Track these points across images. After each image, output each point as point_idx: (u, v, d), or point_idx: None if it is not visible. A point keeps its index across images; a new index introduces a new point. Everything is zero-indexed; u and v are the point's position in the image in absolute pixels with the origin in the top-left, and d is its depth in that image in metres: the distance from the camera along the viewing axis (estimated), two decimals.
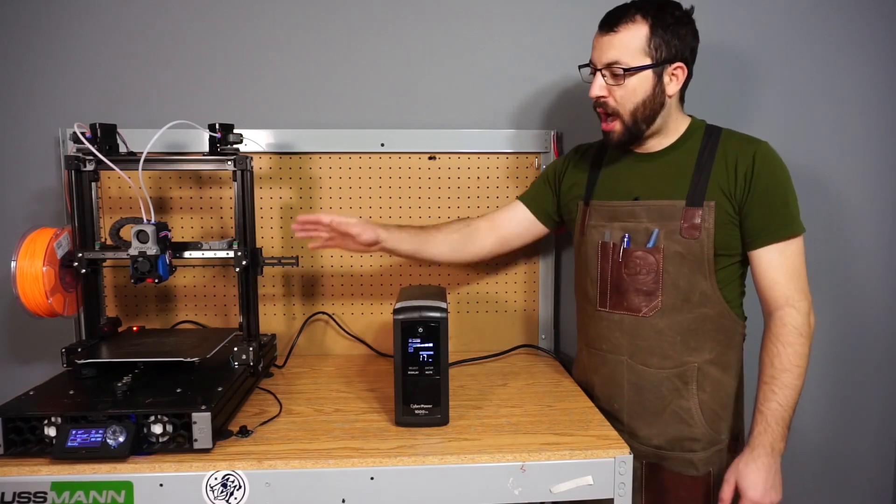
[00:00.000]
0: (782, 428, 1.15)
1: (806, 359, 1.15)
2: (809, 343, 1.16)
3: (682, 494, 1.23)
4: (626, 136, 1.21)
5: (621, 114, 1.19)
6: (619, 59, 1.16)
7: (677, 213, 1.19)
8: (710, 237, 1.17)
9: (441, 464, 1.00)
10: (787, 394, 1.14)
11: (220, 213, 1.57)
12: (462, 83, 1.60)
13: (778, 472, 1.16)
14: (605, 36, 1.18)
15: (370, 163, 1.58)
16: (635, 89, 1.17)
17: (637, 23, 1.15)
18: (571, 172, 1.39)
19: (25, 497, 0.95)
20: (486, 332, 1.64)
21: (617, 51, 1.16)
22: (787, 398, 1.14)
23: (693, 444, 1.22)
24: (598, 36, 1.20)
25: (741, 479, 1.15)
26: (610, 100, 1.19)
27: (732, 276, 1.22)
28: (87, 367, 1.19)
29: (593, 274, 1.29)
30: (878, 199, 1.68)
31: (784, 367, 1.14)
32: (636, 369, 1.24)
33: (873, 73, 1.64)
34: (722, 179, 1.17)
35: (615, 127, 1.21)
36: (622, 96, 1.18)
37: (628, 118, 1.19)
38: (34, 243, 1.22)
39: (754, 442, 1.15)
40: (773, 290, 1.17)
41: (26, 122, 1.54)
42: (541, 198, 1.42)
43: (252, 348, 1.27)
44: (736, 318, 1.23)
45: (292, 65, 1.57)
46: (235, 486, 0.98)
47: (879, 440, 1.76)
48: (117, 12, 1.53)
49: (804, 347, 1.15)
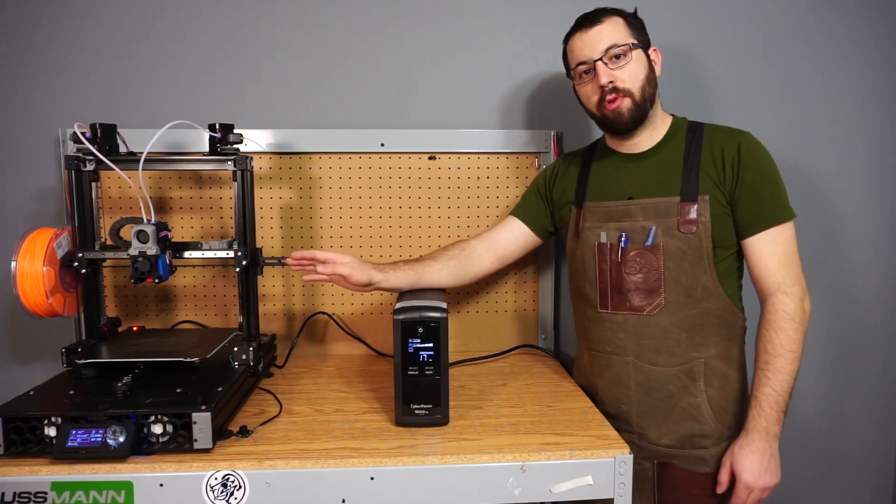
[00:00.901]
0: (777, 412, 1.15)
1: (800, 344, 1.16)
2: (804, 328, 1.16)
3: (694, 492, 1.23)
4: (637, 113, 1.21)
5: (632, 91, 1.20)
6: (614, 41, 1.19)
7: (673, 209, 1.20)
8: (708, 231, 1.18)
9: (441, 464, 1.00)
10: (780, 378, 1.15)
11: (220, 213, 1.57)
12: (462, 83, 1.60)
13: (774, 455, 1.16)
14: (590, 30, 1.21)
15: (370, 163, 1.58)
16: (637, 67, 1.20)
17: (612, 17, 1.22)
18: (561, 179, 1.39)
19: (25, 497, 0.95)
20: (486, 332, 1.64)
21: (609, 37, 1.19)
22: (780, 383, 1.15)
23: (703, 440, 1.22)
24: (580, 35, 1.22)
25: (736, 463, 1.16)
26: (618, 82, 1.20)
27: (730, 270, 1.23)
28: (87, 367, 1.19)
29: (591, 276, 1.29)
30: (878, 197, 1.68)
31: (777, 352, 1.15)
32: (643, 369, 1.24)
33: (873, 74, 1.65)
34: (711, 171, 1.20)
35: (625, 103, 1.21)
36: (629, 74, 1.20)
37: (638, 94, 1.21)
38: (34, 243, 1.22)
39: (749, 426, 1.17)
40: (766, 278, 1.18)
41: (26, 122, 1.54)
42: (534, 211, 1.42)
43: (252, 348, 1.27)
44: (737, 312, 1.24)
45: (292, 65, 1.57)
46: (235, 486, 0.98)
47: (879, 440, 1.76)
48: (117, 13, 1.54)
49: (798, 333, 1.16)
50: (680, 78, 1.58)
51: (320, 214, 1.59)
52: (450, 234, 1.61)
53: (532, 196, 1.44)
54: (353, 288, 1.25)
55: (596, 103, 1.23)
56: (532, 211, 1.42)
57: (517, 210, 1.44)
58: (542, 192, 1.42)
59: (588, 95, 1.24)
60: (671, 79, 1.29)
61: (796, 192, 1.63)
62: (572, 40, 1.24)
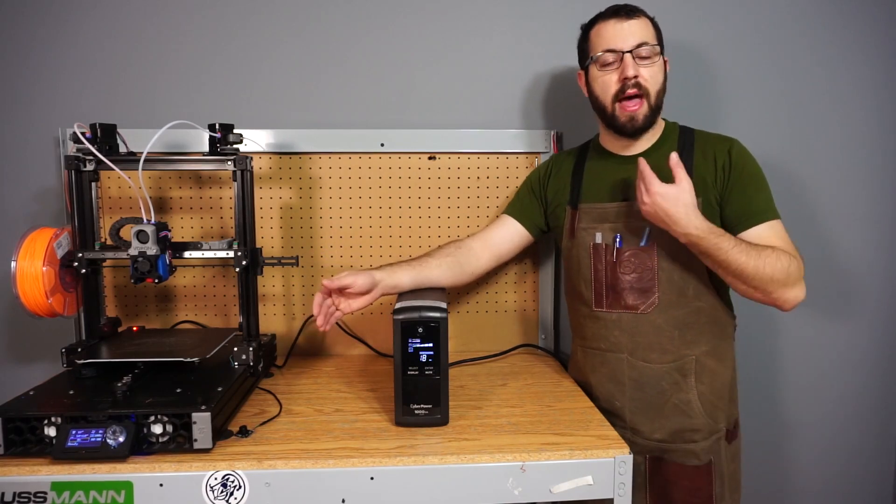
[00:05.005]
0: (717, 238, 1.12)
1: (778, 271, 1.12)
2: (785, 277, 1.13)
3: (685, 484, 1.25)
4: (650, 119, 1.23)
5: (650, 93, 1.21)
6: (646, 39, 1.20)
7: None
8: None
9: (441, 464, 1.00)
10: (743, 248, 1.12)
11: (220, 213, 1.57)
12: (462, 83, 1.60)
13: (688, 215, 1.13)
14: (626, 21, 1.21)
15: (370, 163, 1.58)
16: (658, 71, 1.22)
17: (644, 17, 1.23)
18: (555, 179, 1.40)
19: (25, 497, 0.95)
20: (486, 332, 1.64)
21: (642, 32, 1.21)
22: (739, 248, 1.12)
23: (694, 434, 1.25)
24: (614, 23, 1.22)
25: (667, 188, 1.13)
26: (641, 79, 1.20)
27: None
28: (87, 367, 1.19)
29: (587, 275, 1.30)
30: (878, 197, 1.68)
31: (761, 249, 1.13)
32: (637, 366, 1.26)
33: (873, 74, 1.65)
34: (703, 172, 1.22)
35: (642, 107, 1.22)
36: (651, 75, 1.21)
37: (654, 99, 1.22)
38: (34, 243, 1.22)
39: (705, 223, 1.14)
40: None
41: (26, 122, 1.54)
42: (528, 209, 1.43)
43: (252, 348, 1.27)
44: (727, 311, 1.28)
45: (292, 65, 1.57)
46: (235, 486, 0.98)
47: (879, 440, 1.76)
48: (117, 12, 1.54)
49: (785, 264, 1.13)
50: (680, 79, 1.58)
51: (320, 214, 1.59)
52: (450, 233, 1.61)
53: (526, 195, 1.44)
54: (362, 301, 1.22)
55: (614, 94, 1.23)
56: (527, 210, 1.43)
57: (511, 209, 1.45)
58: (537, 192, 1.43)
59: (607, 85, 1.23)
60: (671, 79, 1.29)
61: (797, 193, 1.65)
62: (603, 26, 1.23)
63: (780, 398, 1.73)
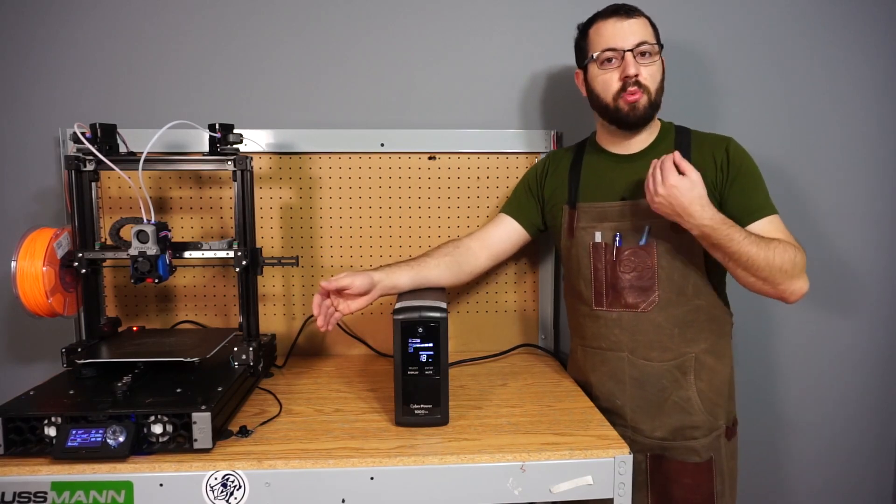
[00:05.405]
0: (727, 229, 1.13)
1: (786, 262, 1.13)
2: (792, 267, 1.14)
3: (686, 481, 1.25)
4: (650, 111, 1.24)
5: (650, 91, 1.23)
6: (646, 38, 1.21)
7: None
8: None
9: (441, 464, 1.00)
10: (753, 239, 1.13)
11: (220, 213, 1.57)
12: (462, 83, 1.60)
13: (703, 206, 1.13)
14: (627, 20, 1.22)
15: (370, 163, 1.58)
16: (657, 70, 1.24)
17: (643, 17, 1.25)
18: (552, 177, 1.40)
19: (25, 497, 0.95)
20: (486, 332, 1.64)
21: (643, 32, 1.22)
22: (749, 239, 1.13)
23: (694, 431, 1.25)
24: (614, 21, 1.23)
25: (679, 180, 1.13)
26: (641, 78, 1.22)
27: (719, 267, 1.24)
28: (87, 367, 1.19)
29: (586, 274, 1.30)
30: (879, 197, 1.68)
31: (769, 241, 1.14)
32: (637, 364, 1.27)
33: (873, 74, 1.65)
34: (702, 170, 1.20)
35: (643, 99, 1.22)
36: (651, 74, 1.23)
37: (654, 96, 1.24)
38: (34, 243, 1.22)
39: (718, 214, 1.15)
40: None
41: (26, 122, 1.54)
42: (526, 208, 1.43)
43: (252, 348, 1.27)
44: (725, 309, 1.30)
45: (292, 65, 1.57)
46: (235, 486, 0.98)
47: (879, 440, 1.76)
48: (117, 12, 1.53)
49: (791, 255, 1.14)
50: (679, 79, 1.58)
51: (320, 214, 1.59)
52: (449, 233, 1.61)
53: (523, 194, 1.44)
54: (361, 302, 1.22)
55: (615, 92, 1.23)
56: (524, 209, 1.43)
57: (509, 208, 1.45)
58: (534, 191, 1.43)
59: (608, 83, 1.24)
60: (670, 79, 1.30)
61: (797, 193, 1.65)
62: (603, 25, 1.24)
63: (781, 398, 1.73)
